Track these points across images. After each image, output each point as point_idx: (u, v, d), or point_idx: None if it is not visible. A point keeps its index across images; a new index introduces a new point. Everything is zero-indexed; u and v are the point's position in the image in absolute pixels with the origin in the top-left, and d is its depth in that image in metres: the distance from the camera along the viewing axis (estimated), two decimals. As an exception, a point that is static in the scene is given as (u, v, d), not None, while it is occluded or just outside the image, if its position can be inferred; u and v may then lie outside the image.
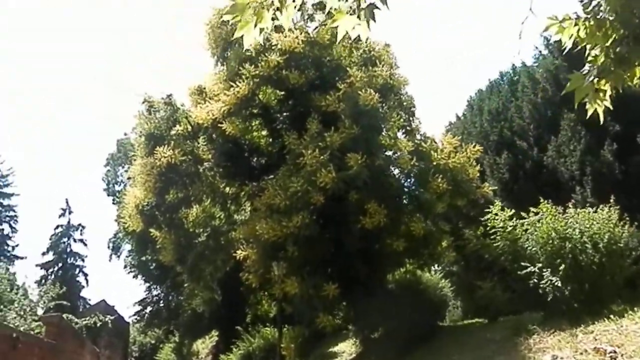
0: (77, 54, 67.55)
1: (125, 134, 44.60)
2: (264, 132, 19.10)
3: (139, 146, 19.11)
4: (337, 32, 3.94)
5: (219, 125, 17.21)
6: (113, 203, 44.81)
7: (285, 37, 16.57)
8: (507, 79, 26.85)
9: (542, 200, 14.06)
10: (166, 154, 17.12)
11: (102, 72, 69.32)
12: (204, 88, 18.93)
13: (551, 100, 23.83)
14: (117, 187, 47.44)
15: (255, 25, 3.90)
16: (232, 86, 16.88)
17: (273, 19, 3.90)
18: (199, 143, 18.99)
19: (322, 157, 15.02)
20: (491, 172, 23.33)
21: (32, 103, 70.30)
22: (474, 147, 17.00)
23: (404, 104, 18.31)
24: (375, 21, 4.19)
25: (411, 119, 18.91)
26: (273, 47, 16.80)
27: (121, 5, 66.07)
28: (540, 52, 25.54)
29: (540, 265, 12.78)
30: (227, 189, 19.66)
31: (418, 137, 18.31)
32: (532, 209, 13.83)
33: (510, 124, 24.35)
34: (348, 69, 17.01)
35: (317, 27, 18.26)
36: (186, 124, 18.77)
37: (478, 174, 17.34)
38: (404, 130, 18.65)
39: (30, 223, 68.83)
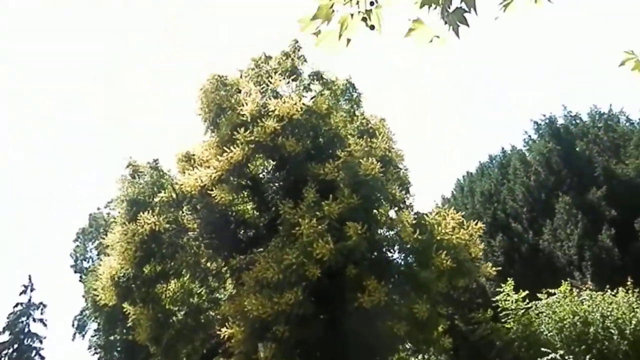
0: (77, 54, 66.79)
1: (99, 208, 42.84)
2: (250, 205, 18.12)
3: (119, 212, 17.87)
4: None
5: (208, 192, 16.22)
6: (80, 280, 42.31)
7: (284, 102, 16.03)
8: (497, 162, 26.71)
9: (545, 283, 13.22)
10: (150, 220, 15.93)
11: (102, 72, 68.36)
12: (193, 155, 18.06)
13: (544, 183, 23.58)
14: (85, 264, 44.96)
15: (340, 36, 3.34)
16: (224, 151, 16.08)
17: (364, 19, 3.30)
18: (183, 212, 17.87)
19: (319, 227, 14.05)
20: (485, 256, 22.48)
21: (32, 103, 68.30)
22: (476, 224, 16.16)
23: (402, 178, 17.62)
24: (468, 25, 3.45)
25: (407, 195, 18.18)
26: (270, 114, 16.18)
27: (121, 5, 66.18)
28: (529, 136, 25.63)
29: (560, 352, 11.67)
30: (209, 263, 18.34)
31: (412, 214, 17.50)
32: (547, 290, 12.87)
33: (503, 206, 23.87)
34: (348, 137, 16.45)
35: (314, 97, 17.88)
36: (171, 191, 17.70)
37: (481, 252, 16.43)
38: (397, 207, 17.86)
39: (-12, 301, 64.70)
